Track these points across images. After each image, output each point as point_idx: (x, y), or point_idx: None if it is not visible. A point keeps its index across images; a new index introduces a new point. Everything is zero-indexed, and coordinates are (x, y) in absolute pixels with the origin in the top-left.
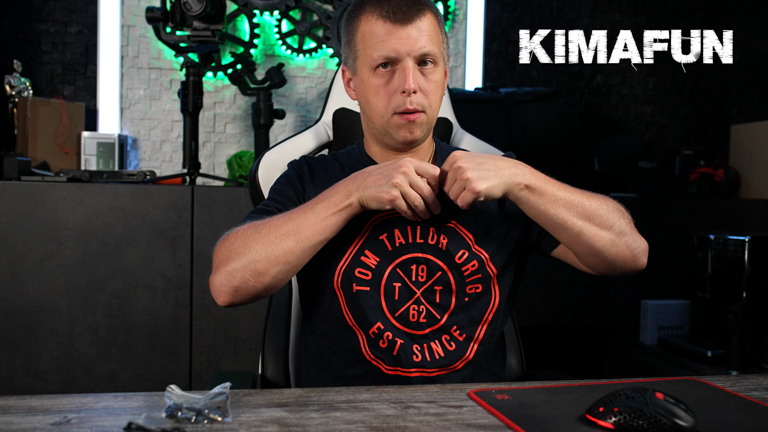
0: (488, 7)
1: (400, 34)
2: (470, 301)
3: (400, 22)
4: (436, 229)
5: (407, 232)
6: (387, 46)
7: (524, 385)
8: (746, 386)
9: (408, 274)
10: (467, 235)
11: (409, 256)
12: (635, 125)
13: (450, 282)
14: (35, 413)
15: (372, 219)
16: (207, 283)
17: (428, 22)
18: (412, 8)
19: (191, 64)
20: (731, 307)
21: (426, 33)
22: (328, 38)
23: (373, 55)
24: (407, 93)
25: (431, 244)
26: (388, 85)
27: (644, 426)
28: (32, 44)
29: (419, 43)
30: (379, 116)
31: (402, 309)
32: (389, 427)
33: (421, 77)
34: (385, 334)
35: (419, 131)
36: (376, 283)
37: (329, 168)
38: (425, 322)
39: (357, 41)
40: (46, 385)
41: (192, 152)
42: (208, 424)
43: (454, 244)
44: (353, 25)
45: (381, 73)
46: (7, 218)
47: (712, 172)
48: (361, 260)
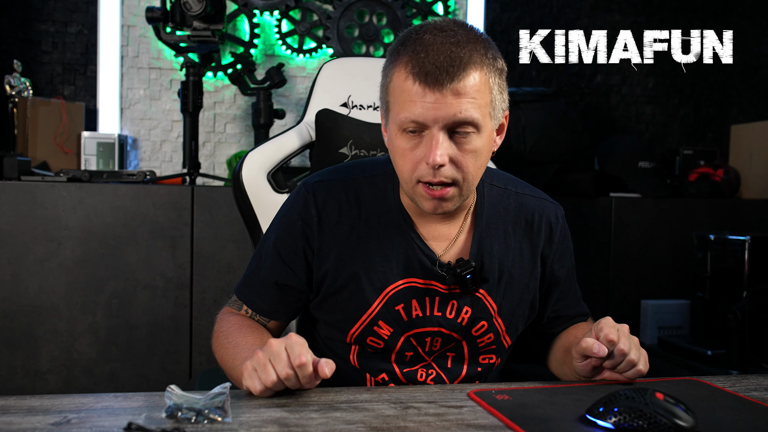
0: (488, 7)
1: (431, 98)
2: (482, 371)
3: (433, 86)
4: (459, 302)
5: (425, 304)
6: (415, 109)
7: (524, 386)
8: (746, 386)
9: (422, 345)
10: (492, 305)
11: (424, 329)
12: (635, 125)
13: (463, 351)
14: (35, 413)
15: (390, 287)
16: (207, 283)
17: (471, 82)
18: (452, 67)
19: (191, 64)
20: (731, 307)
21: (466, 98)
22: (328, 38)
23: (401, 116)
24: (431, 166)
25: (449, 318)
26: (414, 151)
27: (644, 426)
28: (32, 44)
29: (453, 110)
30: (405, 182)
31: (410, 369)
32: (389, 427)
33: (454, 147)
34: (390, 384)
35: (449, 205)
36: (387, 350)
37: (344, 209)
38: (432, 385)
39: (389, 93)
40: (46, 385)
41: (192, 152)
42: (208, 424)
43: (476, 318)
44: (388, 72)
45: (409, 137)
46: (7, 218)
47: (712, 172)
48: (374, 330)
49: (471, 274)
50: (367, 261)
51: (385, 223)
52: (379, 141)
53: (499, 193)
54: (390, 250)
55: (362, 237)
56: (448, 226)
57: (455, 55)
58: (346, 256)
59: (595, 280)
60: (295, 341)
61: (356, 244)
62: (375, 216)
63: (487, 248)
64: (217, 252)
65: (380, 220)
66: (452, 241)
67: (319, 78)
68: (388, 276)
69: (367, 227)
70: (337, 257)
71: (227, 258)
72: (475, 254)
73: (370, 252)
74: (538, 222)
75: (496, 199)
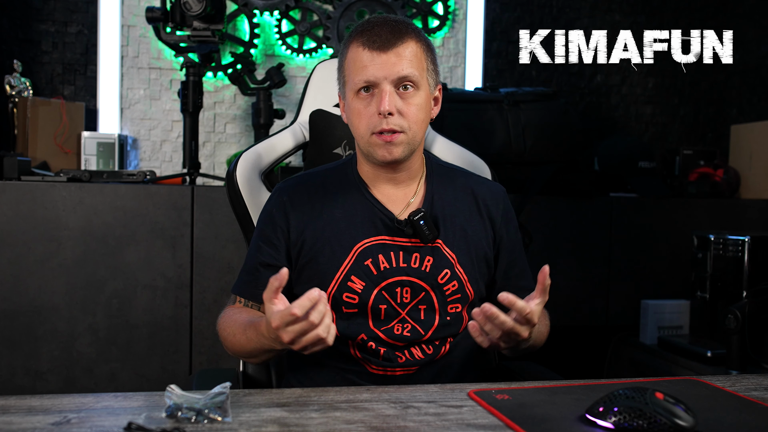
0: (488, 7)
1: (379, 60)
2: (451, 320)
3: (380, 50)
4: (421, 253)
5: (391, 257)
6: (367, 71)
7: (524, 385)
8: (746, 386)
9: (393, 297)
10: (451, 255)
11: (393, 279)
12: (635, 125)
13: (433, 301)
14: (35, 413)
15: (357, 245)
16: (207, 282)
17: (410, 49)
18: (393, 36)
19: (191, 64)
20: (731, 307)
21: (406, 59)
22: (328, 38)
23: (355, 80)
24: (383, 114)
25: (414, 267)
26: (368, 108)
27: (644, 426)
28: (32, 44)
29: (396, 68)
30: (361, 137)
31: (387, 327)
32: (389, 427)
33: (400, 100)
34: (369, 343)
35: (398, 151)
36: (362, 305)
37: (311, 193)
38: (409, 336)
39: (345, 68)
40: (46, 385)
41: (192, 152)
42: (208, 424)
43: (438, 265)
44: (343, 53)
45: (362, 97)
46: (7, 218)
47: (711, 172)
48: (348, 285)
49: (424, 219)
50: (336, 227)
51: (347, 193)
52: None
53: (446, 170)
54: (354, 215)
55: (329, 209)
56: (403, 191)
57: (396, 29)
58: (318, 227)
59: (595, 280)
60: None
61: (325, 216)
62: (338, 189)
63: (439, 207)
64: (217, 252)
65: (343, 192)
66: (407, 204)
67: (312, 79)
68: (356, 236)
69: (332, 200)
70: (309, 229)
71: (227, 258)
72: (428, 209)
73: (336, 219)
74: (483, 194)
75: (444, 173)
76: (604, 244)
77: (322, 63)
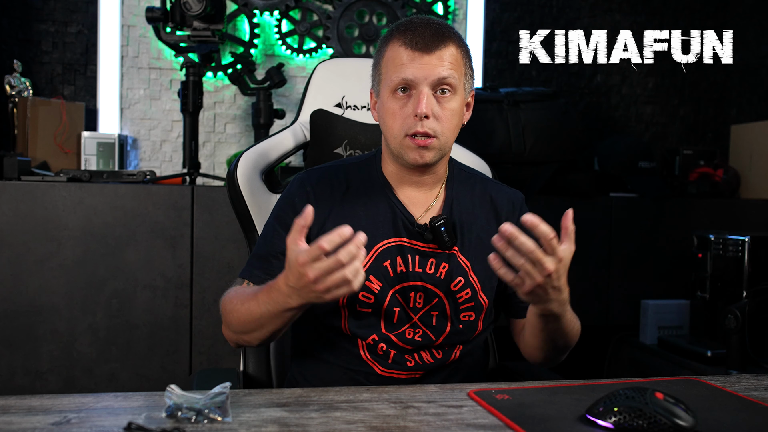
0: (488, 7)
1: (420, 61)
2: (464, 328)
3: (422, 51)
4: (437, 259)
5: (408, 261)
6: (406, 70)
7: (524, 385)
8: (746, 386)
9: (407, 301)
10: (465, 263)
11: (408, 283)
12: (635, 125)
13: (446, 309)
14: (35, 413)
15: (377, 245)
16: (207, 282)
17: (451, 52)
18: (436, 38)
19: (191, 64)
20: (731, 307)
21: (447, 62)
22: (328, 38)
23: (393, 78)
24: (419, 117)
25: (429, 273)
26: (403, 109)
27: (644, 426)
28: (32, 44)
29: (437, 70)
30: (393, 138)
31: (399, 330)
32: (389, 427)
33: (436, 104)
34: (380, 345)
35: (430, 156)
36: (377, 306)
37: (335, 188)
38: (420, 341)
39: (382, 65)
40: (46, 385)
41: (192, 152)
42: (208, 424)
43: (453, 273)
44: (381, 51)
45: (398, 97)
46: (7, 218)
47: (711, 172)
48: (366, 284)
49: (444, 225)
50: (357, 224)
51: (370, 192)
52: (373, 141)
53: (467, 176)
54: (376, 214)
55: (351, 204)
56: (425, 194)
57: (439, 32)
58: (339, 222)
59: (595, 280)
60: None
61: (346, 211)
62: (362, 187)
63: (457, 213)
64: (217, 252)
65: (366, 190)
66: (428, 207)
67: (312, 78)
68: (376, 236)
69: (355, 197)
70: (330, 223)
71: (227, 258)
72: (448, 215)
73: (358, 216)
74: (501, 200)
75: (465, 179)
76: (604, 244)
77: (322, 63)
